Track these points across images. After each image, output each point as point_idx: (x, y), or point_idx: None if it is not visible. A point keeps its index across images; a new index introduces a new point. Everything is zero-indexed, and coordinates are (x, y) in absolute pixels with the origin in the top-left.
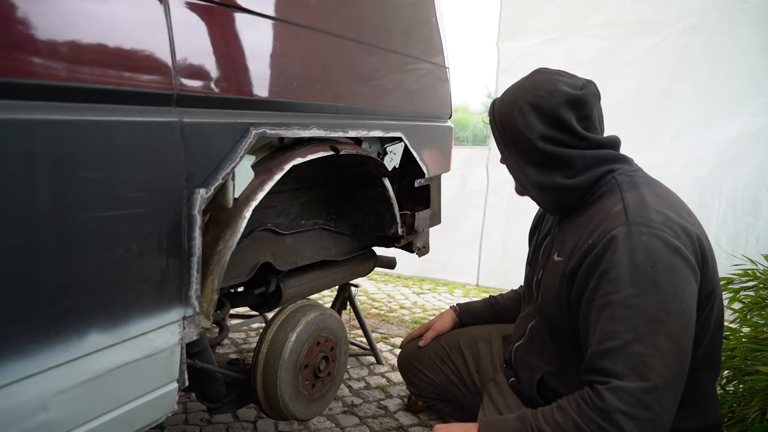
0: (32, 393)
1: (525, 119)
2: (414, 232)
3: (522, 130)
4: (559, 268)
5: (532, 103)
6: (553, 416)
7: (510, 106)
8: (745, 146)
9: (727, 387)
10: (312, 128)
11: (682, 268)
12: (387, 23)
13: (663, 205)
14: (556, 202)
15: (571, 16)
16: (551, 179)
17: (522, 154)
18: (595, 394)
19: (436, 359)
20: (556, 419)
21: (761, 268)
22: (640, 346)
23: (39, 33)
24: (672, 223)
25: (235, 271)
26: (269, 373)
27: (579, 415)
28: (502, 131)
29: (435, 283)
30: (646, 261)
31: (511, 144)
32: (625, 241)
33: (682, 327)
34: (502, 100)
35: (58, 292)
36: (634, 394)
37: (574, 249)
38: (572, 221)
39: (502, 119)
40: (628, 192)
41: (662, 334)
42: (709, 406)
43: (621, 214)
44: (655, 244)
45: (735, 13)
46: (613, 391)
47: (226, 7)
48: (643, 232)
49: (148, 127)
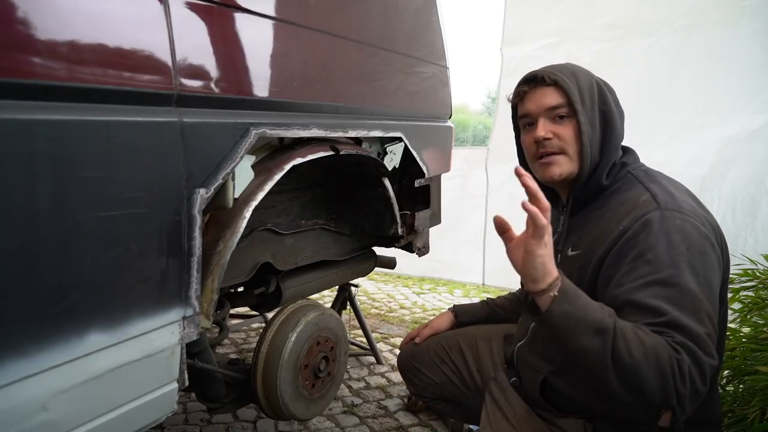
0: (32, 393)
1: (602, 93)
2: (414, 232)
3: (597, 101)
4: (576, 262)
5: (601, 83)
6: (635, 329)
7: (587, 77)
8: (745, 144)
9: (727, 387)
10: (312, 128)
11: (711, 255)
12: (387, 23)
13: (684, 196)
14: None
15: (572, 21)
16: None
17: (592, 123)
18: (668, 344)
19: (436, 359)
20: (638, 333)
21: (761, 268)
22: (695, 323)
23: (39, 33)
24: (697, 212)
25: (235, 271)
26: (269, 373)
27: (663, 346)
28: (581, 96)
29: (435, 283)
30: (682, 243)
31: (585, 110)
32: (660, 224)
33: (713, 309)
34: (572, 69)
35: (58, 292)
36: (700, 361)
37: (598, 239)
38: (587, 215)
39: (579, 85)
40: (651, 183)
41: (706, 315)
42: (710, 399)
43: (651, 201)
44: (688, 228)
45: (734, 10)
46: (686, 350)
47: (226, 7)
48: (676, 216)
49: (148, 127)
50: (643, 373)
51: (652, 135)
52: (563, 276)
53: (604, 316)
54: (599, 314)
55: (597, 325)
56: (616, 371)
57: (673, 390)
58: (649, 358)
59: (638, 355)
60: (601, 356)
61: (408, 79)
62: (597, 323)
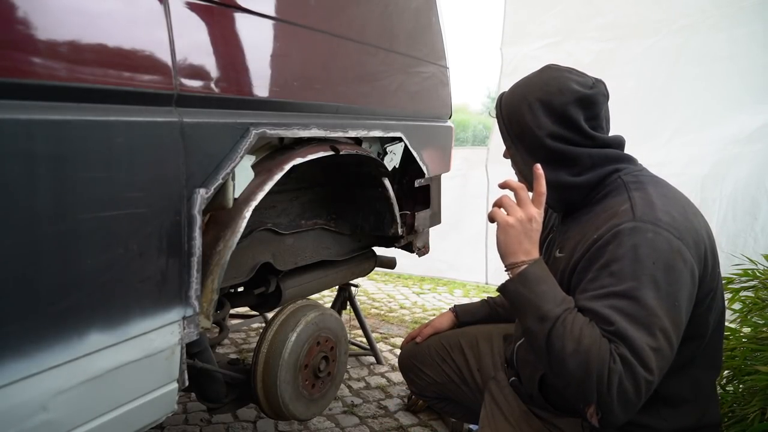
0: (32, 393)
1: (534, 115)
2: (414, 232)
3: (530, 126)
4: (560, 264)
5: (542, 100)
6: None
7: (519, 101)
8: (745, 145)
9: (727, 387)
10: (312, 128)
11: (681, 270)
12: (387, 23)
13: (669, 206)
14: (561, 199)
15: (572, 21)
16: (557, 176)
17: (528, 150)
18: (611, 352)
19: (437, 358)
20: (584, 332)
21: (761, 268)
22: (644, 336)
23: (39, 33)
24: (678, 223)
25: (235, 271)
26: (269, 373)
27: (599, 352)
28: (509, 125)
29: (435, 282)
30: (649, 257)
31: (517, 139)
32: (630, 236)
33: (673, 324)
34: (511, 94)
35: (58, 292)
36: (636, 376)
37: (578, 244)
38: (576, 219)
39: (510, 113)
40: (635, 191)
41: (659, 330)
42: (709, 404)
43: (628, 212)
44: (659, 242)
45: (733, 11)
46: (622, 361)
47: (226, 7)
48: (649, 229)
49: (148, 127)
50: (568, 366)
51: (652, 135)
52: (535, 263)
53: (552, 307)
54: (550, 305)
55: (541, 312)
56: (549, 356)
57: (594, 391)
58: (578, 355)
59: (569, 349)
60: (540, 340)
61: (408, 79)
62: (541, 311)
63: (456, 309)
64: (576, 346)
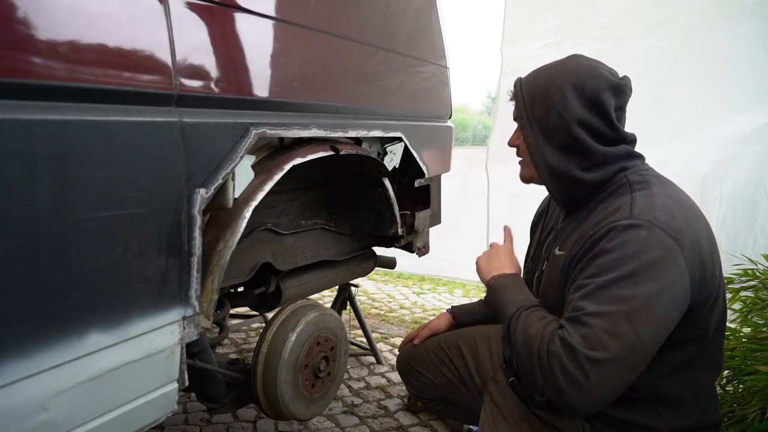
0: (32, 393)
1: (563, 97)
2: (414, 232)
3: (557, 108)
4: (560, 261)
5: (575, 84)
6: (534, 321)
7: (546, 83)
8: (745, 144)
9: (726, 387)
10: (312, 128)
11: (668, 269)
12: (387, 23)
13: (672, 206)
14: (566, 193)
15: (572, 20)
16: (568, 167)
17: (546, 133)
18: (553, 335)
19: (435, 360)
20: (532, 325)
21: (761, 268)
22: (599, 320)
23: (39, 33)
24: (676, 224)
25: (235, 271)
26: (269, 373)
27: (541, 338)
28: (531, 106)
29: (435, 282)
30: (635, 253)
31: (536, 120)
32: (623, 232)
33: (646, 318)
34: (536, 76)
35: (58, 292)
36: (577, 354)
37: (576, 241)
38: (578, 217)
39: (533, 94)
40: (639, 191)
41: (624, 317)
42: (708, 404)
43: (627, 209)
44: (650, 240)
45: (733, 10)
46: (562, 342)
47: (226, 7)
48: (643, 226)
49: (149, 127)
50: (521, 357)
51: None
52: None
53: (511, 307)
54: (510, 308)
55: (504, 313)
56: (513, 353)
57: (539, 374)
58: (525, 344)
59: (520, 341)
60: (509, 340)
61: (408, 79)
62: (505, 313)
63: (453, 310)
64: (524, 337)
